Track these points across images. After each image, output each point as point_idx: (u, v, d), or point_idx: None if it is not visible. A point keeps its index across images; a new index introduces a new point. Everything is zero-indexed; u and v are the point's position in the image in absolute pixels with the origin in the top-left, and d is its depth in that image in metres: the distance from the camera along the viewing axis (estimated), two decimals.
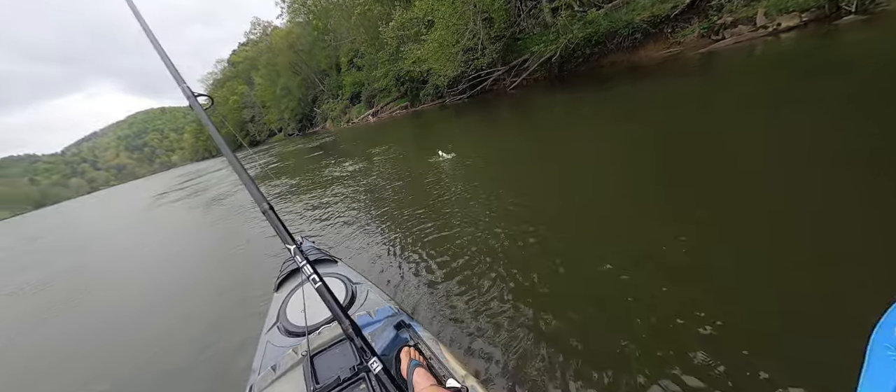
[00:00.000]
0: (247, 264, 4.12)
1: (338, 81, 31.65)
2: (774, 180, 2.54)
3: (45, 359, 3.50)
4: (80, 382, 2.76)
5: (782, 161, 2.76)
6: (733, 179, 2.75)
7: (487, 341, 1.85)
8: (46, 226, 22.33)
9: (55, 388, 2.88)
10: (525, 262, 2.43)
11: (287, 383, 1.24)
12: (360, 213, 4.62)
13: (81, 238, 11.85)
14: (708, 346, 1.47)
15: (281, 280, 2.04)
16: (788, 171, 2.60)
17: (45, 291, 5.92)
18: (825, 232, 1.92)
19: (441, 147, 6.05)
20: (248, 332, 2.35)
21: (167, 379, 2.45)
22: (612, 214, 2.83)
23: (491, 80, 15.32)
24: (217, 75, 64.85)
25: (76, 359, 3.27)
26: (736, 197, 2.51)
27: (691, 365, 1.42)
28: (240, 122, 56.98)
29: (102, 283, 5.60)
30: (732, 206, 2.42)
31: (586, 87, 9.49)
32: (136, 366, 2.77)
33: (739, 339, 1.47)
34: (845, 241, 1.82)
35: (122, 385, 2.59)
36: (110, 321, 3.89)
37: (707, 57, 8.26)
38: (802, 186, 2.37)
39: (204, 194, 12.31)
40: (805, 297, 1.58)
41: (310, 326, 1.47)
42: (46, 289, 6.04)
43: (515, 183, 4.16)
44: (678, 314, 1.66)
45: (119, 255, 7.20)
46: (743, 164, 2.94)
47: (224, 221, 7.04)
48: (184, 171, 44.07)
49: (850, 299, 1.49)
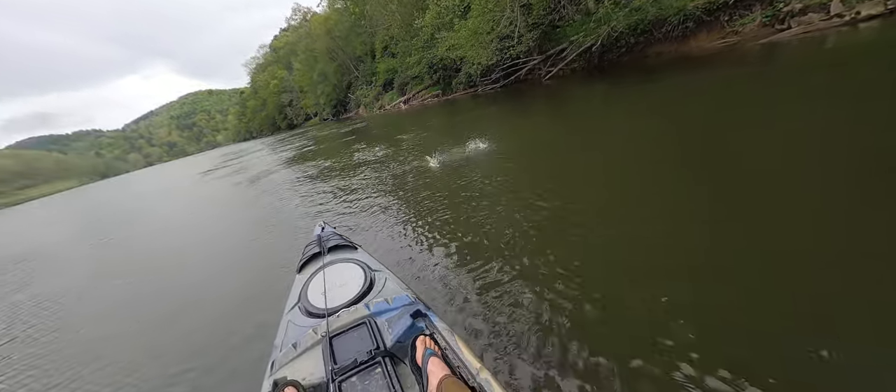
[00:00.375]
0: (275, 243, 4.34)
1: (372, 68, 32.07)
2: (840, 188, 2.30)
3: (117, 309, 3.90)
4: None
5: (851, 168, 2.48)
6: (789, 184, 2.51)
7: (503, 336, 1.84)
8: (115, 193, 24.61)
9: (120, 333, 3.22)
10: (548, 260, 2.36)
11: (307, 361, 1.29)
12: (383, 200, 4.68)
13: (144, 208, 12.97)
14: (753, 355, 1.37)
15: (303, 262, 2.12)
16: (858, 179, 2.34)
17: (130, 243, 6.58)
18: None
19: (469, 136, 6.00)
20: (272, 308, 2.46)
21: (192, 348, 2.64)
22: (646, 214, 2.68)
23: (526, 70, 14.88)
24: (259, 60, 67.77)
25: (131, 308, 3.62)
26: (789, 204, 2.30)
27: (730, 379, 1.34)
28: (279, 105, 59.50)
29: (159, 249, 6.13)
30: (786, 213, 2.22)
31: (628, 79, 8.98)
32: (169, 328, 3.02)
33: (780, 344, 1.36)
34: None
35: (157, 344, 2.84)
36: (164, 282, 4.27)
37: (768, 48, 7.53)
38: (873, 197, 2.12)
39: (245, 173, 13.01)
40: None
41: (329, 309, 1.52)
42: (132, 241, 6.71)
43: (544, 177, 4.04)
44: (713, 322, 1.56)
45: (171, 227, 7.82)
46: (804, 168, 2.67)
47: (260, 199, 7.41)
48: (227, 151, 46.86)
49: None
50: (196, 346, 2.63)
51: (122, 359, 2.77)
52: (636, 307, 1.79)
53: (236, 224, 6.02)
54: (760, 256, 1.92)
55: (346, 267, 1.88)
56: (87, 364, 2.84)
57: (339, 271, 1.85)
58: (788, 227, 2.07)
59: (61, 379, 2.73)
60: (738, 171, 2.89)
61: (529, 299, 2.04)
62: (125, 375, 2.53)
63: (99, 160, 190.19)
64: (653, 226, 2.48)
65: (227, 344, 2.50)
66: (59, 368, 2.89)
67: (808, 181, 2.47)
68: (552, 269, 2.25)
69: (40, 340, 3.52)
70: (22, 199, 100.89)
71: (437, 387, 1.01)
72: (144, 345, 2.90)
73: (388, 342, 1.29)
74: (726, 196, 2.59)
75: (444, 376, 1.04)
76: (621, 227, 2.56)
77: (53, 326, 3.80)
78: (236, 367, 2.23)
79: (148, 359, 2.66)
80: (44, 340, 3.50)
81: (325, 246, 2.15)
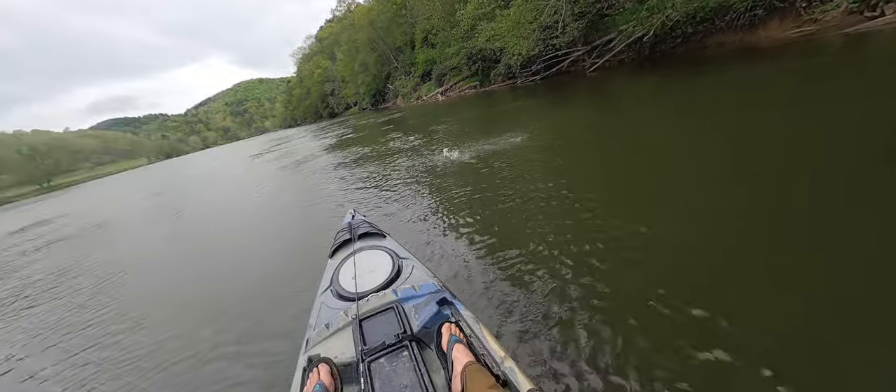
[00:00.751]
0: (312, 227, 4.54)
1: (411, 58, 32.35)
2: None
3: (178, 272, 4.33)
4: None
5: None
6: (859, 195, 2.20)
7: (528, 327, 1.82)
8: (177, 174, 27.08)
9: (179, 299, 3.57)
10: (576, 256, 2.29)
11: (338, 340, 1.35)
12: (412, 189, 4.75)
13: (200, 191, 14.17)
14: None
15: (335, 248, 2.20)
16: None
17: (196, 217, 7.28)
18: None
19: (503, 128, 5.87)
20: (309, 288, 2.56)
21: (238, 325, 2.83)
22: (679, 213, 2.51)
23: (568, 62, 14.27)
24: (306, 50, 70.81)
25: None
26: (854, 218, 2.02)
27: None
28: (322, 94, 62.01)
29: (208, 230, 6.69)
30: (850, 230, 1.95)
31: (683, 72, 8.31)
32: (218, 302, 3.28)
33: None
34: None
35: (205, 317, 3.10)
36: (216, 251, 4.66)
37: (854, 39, 6.60)
38: None
39: (289, 158, 13.75)
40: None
41: (359, 293, 1.57)
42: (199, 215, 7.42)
43: (577, 174, 3.89)
44: (754, 328, 1.42)
45: (220, 211, 8.48)
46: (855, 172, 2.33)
47: (300, 184, 7.80)
48: (274, 136, 49.76)
49: None
50: (243, 319, 2.82)
51: (179, 326, 3.06)
52: (665, 310, 1.70)
53: (279, 208, 6.39)
54: (799, 257, 1.71)
55: (375, 253, 1.94)
56: (143, 321, 3.19)
57: (368, 257, 1.91)
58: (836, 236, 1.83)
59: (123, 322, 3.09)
60: (786, 175, 2.58)
61: (556, 293, 2.00)
62: (182, 341, 2.79)
63: (164, 142, 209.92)
64: (684, 225, 2.33)
65: (268, 322, 2.67)
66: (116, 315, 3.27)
67: (863, 188, 2.16)
68: (580, 266, 2.18)
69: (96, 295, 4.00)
70: (103, 174, 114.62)
71: (462, 372, 1.03)
72: (198, 314, 3.18)
73: (414, 327, 1.32)
74: (769, 199, 2.33)
75: (468, 362, 1.05)
76: (654, 228, 2.40)
77: (112, 290, 4.29)
78: (276, 339, 2.39)
79: (199, 326, 2.92)
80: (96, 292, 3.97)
81: (356, 233, 2.23)
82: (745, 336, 1.49)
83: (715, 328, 1.56)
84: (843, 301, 1.55)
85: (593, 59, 13.27)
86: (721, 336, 1.51)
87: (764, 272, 1.83)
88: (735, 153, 3.31)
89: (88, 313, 3.71)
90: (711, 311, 1.63)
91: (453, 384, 1.05)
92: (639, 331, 1.65)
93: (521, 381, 1.04)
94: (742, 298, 1.70)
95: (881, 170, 2.37)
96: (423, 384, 1.06)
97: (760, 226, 2.18)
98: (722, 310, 1.63)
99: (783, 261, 1.86)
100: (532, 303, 2.00)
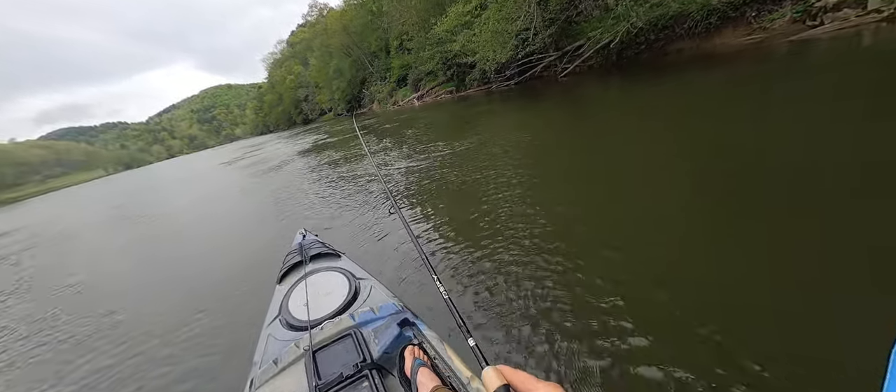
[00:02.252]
0: (257, 250, 4.19)
1: (386, 63, 32.19)
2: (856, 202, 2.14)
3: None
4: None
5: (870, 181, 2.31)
6: (801, 194, 2.36)
7: (494, 344, 1.79)
8: (137, 186, 25.51)
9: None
10: (539, 265, 2.29)
11: (288, 377, 1.22)
12: (372, 202, 4.62)
13: (164, 197, 13.38)
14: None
15: (284, 272, 2.03)
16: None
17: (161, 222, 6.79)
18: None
19: (474, 134, 5.89)
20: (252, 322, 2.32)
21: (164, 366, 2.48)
22: (649, 220, 2.57)
23: (541, 67, 14.65)
24: (277, 55, 68.97)
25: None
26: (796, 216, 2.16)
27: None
28: (295, 100, 60.49)
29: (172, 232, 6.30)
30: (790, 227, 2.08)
31: (646, 78, 8.71)
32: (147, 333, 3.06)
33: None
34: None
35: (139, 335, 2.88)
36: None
37: (798, 46, 7.16)
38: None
39: (256, 167, 13.27)
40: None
41: (312, 321, 1.47)
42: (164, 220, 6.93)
43: (548, 181, 3.94)
44: (710, 324, 1.47)
45: (172, 223, 8.03)
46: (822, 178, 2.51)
47: (254, 198, 7.52)
48: (245, 144, 47.95)
49: None
50: (170, 366, 2.45)
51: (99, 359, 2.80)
52: (630, 311, 1.73)
53: (223, 229, 5.96)
54: (737, 251, 1.81)
55: (329, 275, 1.82)
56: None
57: (322, 280, 1.79)
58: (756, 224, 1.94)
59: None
60: (726, 170, 2.74)
61: (522, 304, 1.98)
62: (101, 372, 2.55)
63: (124, 151, 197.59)
64: (644, 226, 2.41)
65: (203, 363, 2.36)
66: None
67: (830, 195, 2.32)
68: (546, 273, 2.18)
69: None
70: (58, 186, 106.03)
71: None
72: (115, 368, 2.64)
73: (374, 353, 1.23)
74: (709, 193, 2.46)
75: (434, 387, 1.00)
76: (614, 230, 2.48)
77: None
78: (211, 384, 2.13)
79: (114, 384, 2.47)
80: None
81: (307, 254, 2.08)
82: (715, 334, 1.53)
83: (677, 324, 1.60)
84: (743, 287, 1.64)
85: (565, 64, 13.69)
86: (684, 340, 1.54)
87: (717, 261, 1.91)
88: (685, 153, 3.51)
89: None
90: (673, 310, 1.68)
91: None
92: (602, 336, 1.65)
93: None
94: (703, 293, 1.75)
95: (825, 167, 2.55)
96: None
97: (704, 217, 2.29)
98: (685, 309, 1.68)
99: (730, 249, 1.95)
100: (497, 316, 1.96)
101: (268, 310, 1.74)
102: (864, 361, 1.26)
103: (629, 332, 1.65)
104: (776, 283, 1.71)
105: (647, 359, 1.49)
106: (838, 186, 2.31)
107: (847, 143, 2.79)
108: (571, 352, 1.62)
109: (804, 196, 2.31)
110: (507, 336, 1.82)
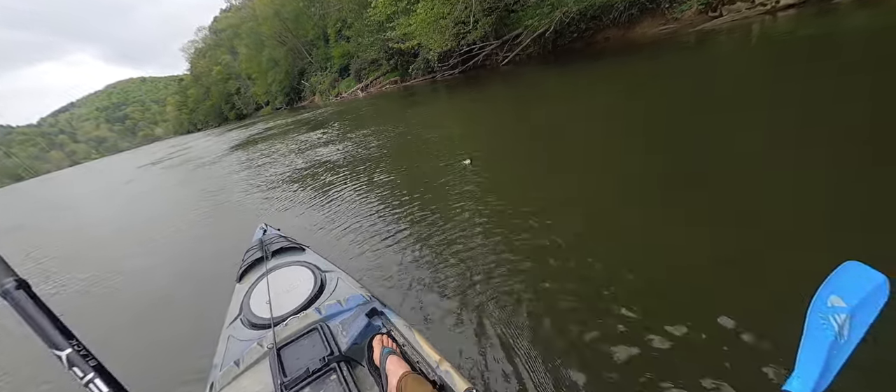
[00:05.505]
0: (213, 249, 3.97)
1: (326, 53, 30.52)
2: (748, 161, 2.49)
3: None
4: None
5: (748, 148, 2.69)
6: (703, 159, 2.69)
7: (461, 327, 1.81)
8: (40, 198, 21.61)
9: None
10: (500, 244, 2.37)
11: (251, 377, 1.20)
12: (330, 196, 4.45)
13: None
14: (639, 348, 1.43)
15: (243, 270, 1.94)
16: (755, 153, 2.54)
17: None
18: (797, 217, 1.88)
19: (427, 124, 5.86)
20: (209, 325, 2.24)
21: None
22: (598, 195, 2.77)
23: (483, 56, 14.86)
24: (199, 44, 61.93)
25: None
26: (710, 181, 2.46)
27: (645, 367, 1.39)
28: (225, 94, 55.06)
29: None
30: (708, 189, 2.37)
31: (578, 64, 9.24)
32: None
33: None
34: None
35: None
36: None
37: (701, 36, 8.06)
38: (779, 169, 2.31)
39: (191, 163, 11.93)
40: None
41: (275, 318, 1.42)
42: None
43: (496, 163, 4.07)
44: (653, 305, 1.62)
45: (100, 233, 6.99)
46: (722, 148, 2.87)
47: (199, 196, 6.83)
48: (168, 144, 42.69)
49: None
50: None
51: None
52: (588, 290, 1.81)
53: (168, 229, 5.48)
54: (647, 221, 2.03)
55: (293, 270, 1.78)
56: None
57: (285, 276, 1.75)
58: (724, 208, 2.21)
59: None
60: (666, 151, 3.05)
61: (486, 288, 2.01)
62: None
63: (9, 161, 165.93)
64: (607, 210, 2.56)
65: (158, 370, 2.24)
66: None
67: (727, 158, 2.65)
68: (501, 257, 2.23)
69: None
70: None
71: (397, 385, 0.99)
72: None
73: (342, 346, 1.23)
74: (663, 175, 2.73)
75: (403, 373, 1.02)
76: (571, 208, 2.61)
77: None
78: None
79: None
80: None
81: (269, 250, 2.00)
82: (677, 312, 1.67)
83: (601, 279, 1.72)
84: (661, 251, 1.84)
85: (505, 52, 14.02)
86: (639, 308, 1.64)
87: (660, 234, 2.10)
88: (615, 131, 3.82)
89: None
90: (595, 265, 1.81)
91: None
92: (567, 314, 1.70)
93: (458, 382, 1.02)
94: (630, 252, 1.91)
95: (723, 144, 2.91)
96: None
97: (634, 185, 2.52)
98: (611, 266, 1.81)
99: (662, 214, 2.16)
100: (461, 301, 1.98)
101: (228, 311, 1.68)
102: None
103: (565, 293, 1.78)
104: (692, 245, 1.92)
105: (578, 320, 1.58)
106: (759, 154, 2.64)
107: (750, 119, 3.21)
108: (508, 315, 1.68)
109: (722, 165, 2.61)
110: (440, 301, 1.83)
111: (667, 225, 2.20)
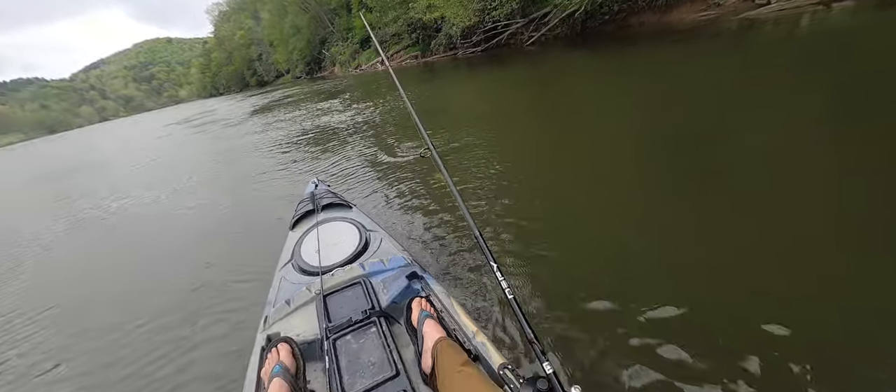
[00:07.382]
0: (267, 198, 4.24)
1: (348, 22, 30.00)
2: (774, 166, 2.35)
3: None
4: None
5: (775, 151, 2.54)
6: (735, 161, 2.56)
7: (499, 302, 1.76)
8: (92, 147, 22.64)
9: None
10: (533, 225, 2.33)
11: (300, 317, 1.28)
12: (373, 162, 4.51)
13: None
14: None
15: (296, 219, 2.07)
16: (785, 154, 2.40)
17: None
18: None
19: (451, 104, 5.76)
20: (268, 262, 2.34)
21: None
22: (621, 186, 2.69)
23: (507, 34, 14.35)
24: (223, 7, 61.90)
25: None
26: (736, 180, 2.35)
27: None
28: (247, 59, 55.33)
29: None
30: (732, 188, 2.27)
31: (608, 49, 8.81)
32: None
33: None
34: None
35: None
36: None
37: (745, 25, 7.51)
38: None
39: (208, 130, 12.19)
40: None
41: (323, 267, 1.49)
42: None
43: (524, 148, 3.97)
44: (670, 285, 1.59)
45: (158, 181, 7.29)
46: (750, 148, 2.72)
47: (246, 155, 6.98)
48: (193, 107, 43.51)
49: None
50: (192, 302, 2.51)
51: (123, 313, 2.57)
52: (636, 290, 1.69)
53: (224, 180, 5.59)
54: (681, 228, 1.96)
55: (340, 225, 1.86)
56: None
57: (332, 230, 1.83)
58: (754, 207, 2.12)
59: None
60: (689, 150, 2.92)
61: (524, 265, 1.97)
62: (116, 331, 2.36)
63: (45, 113, 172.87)
64: (629, 199, 2.51)
65: (221, 300, 2.40)
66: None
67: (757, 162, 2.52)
68: (535, 238, 2.18)
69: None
70: None
71: (433, 348, 1.01)
72: (141, 299, 2.72)
73: (383, 302, 1.27)
74: (683, 173, 2.62)
75: (440, 338, 1.03)
76: (602, 202, 2.55)
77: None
78: (231, 318, 2.18)
79: (142, 310, 2.50)
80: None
81: (319, 203, 2.11)
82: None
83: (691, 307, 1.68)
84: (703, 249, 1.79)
85: (531, 32, 13.49)
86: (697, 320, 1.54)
87: (678, 229, 2.04)
88: (649, 125, 3.64)
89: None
90: (628, 259, 1.78)
91: (423, 360, 1.04)
92: (602, 307, 1.61)
93: (493, 355, 1.02)
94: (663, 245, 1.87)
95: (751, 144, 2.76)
96: (392, 360, 1.03)
97: (660, 178, 2.44)
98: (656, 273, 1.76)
99: (689, 216, 2.10)
100: (505, 276, 1.95)
101: (281, 254, 1.78)
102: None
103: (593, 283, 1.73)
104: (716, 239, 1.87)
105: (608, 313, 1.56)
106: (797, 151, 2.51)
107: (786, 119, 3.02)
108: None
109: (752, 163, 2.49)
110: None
111: (704, 225, 2.11)
